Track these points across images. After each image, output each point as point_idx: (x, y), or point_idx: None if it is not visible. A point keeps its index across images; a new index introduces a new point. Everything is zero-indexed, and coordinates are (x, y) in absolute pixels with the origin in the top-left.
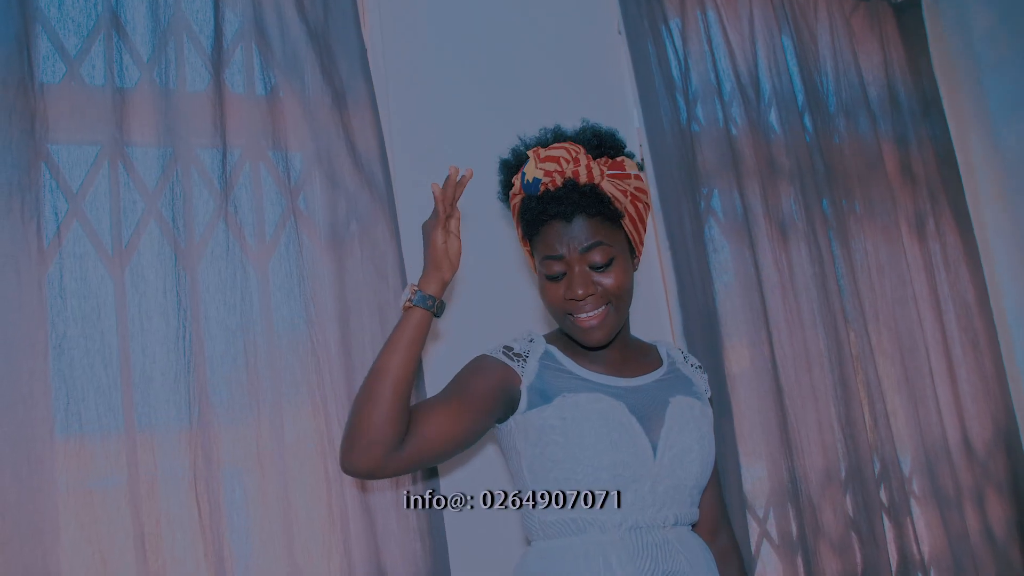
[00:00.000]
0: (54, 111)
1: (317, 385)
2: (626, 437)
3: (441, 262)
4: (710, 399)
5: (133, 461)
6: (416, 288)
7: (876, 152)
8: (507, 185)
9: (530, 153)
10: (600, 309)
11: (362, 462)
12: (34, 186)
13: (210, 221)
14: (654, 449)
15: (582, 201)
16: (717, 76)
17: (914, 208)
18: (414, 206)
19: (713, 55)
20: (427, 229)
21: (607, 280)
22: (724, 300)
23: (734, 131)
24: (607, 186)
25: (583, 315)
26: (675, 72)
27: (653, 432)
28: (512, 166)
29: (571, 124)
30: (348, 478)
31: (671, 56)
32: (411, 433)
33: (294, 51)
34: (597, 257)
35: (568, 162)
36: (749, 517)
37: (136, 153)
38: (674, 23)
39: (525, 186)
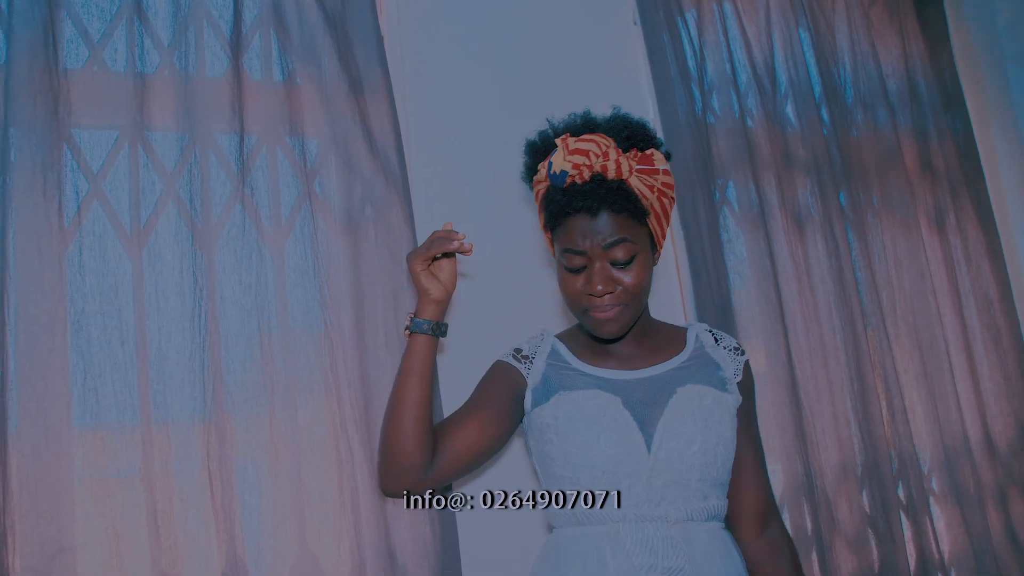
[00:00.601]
0: (77, 95)
1: (330, 367)
2: (615, 434)
3: (428, 288)
4: (741, 383)
5: (148, 438)
6: (412, 315)
7: (895, 145)
8: (532, 169)
9: (559, 142)
10: (617, 306)
11: (397, 487)
12: (56, 166)
13: (227, 203)
14: (648, 444)
15: (609, 197)
16: (733, 67)
17: (934, 202)
18: (428, 192)
19: (729, 46)
20: (408, 260)
21: (627, 277)
22: (739, 292)
23: (750, 122)
24: (635, 182)
25: (599, 310)
26: (691, 63)
27: (649, 426)
28: (539, 149)
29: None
30: (360, 460)
31: (687, 47)
32: (440, 450)
33: (311, 38)
34: (619, 254)
35: (598, 156)
36: None
37: (155, 137)
38: (690, 14)
39: (551, 176)
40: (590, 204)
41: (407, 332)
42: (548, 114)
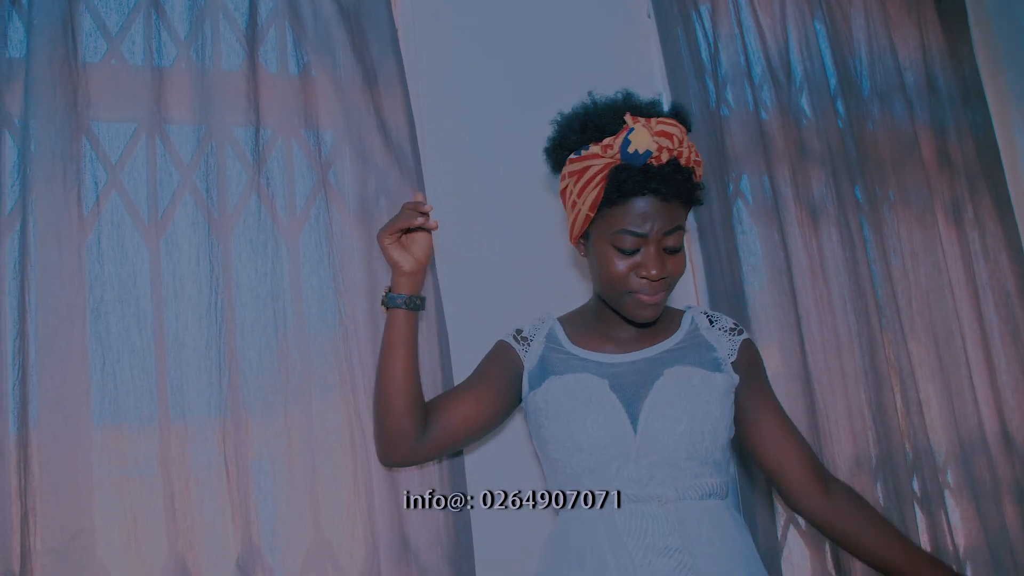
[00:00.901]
0: (95, 87)
1: (345, 356)
2: (602, 416)
3: (399, 261)
4: (737, 363)
5: (165, 425)
6: (388, 288)
7: (912, 138)
8: (574, 142)
9: (633, 120)
10: (663, 291)
11: (391, 456)
12: (75, 157)
13: (243, 193)
14: (634, 425)
15: (685, 184)
16: (747, 59)
17: (951, 195)
18: (442, 183)
19: (743, 38)
20: (377, 235)
21: (672, 265)
22: (752, 285)
23: (764, 115)
24: (695, 171)
25: (648, 294)
26: (704, 55)
27: (635, 407)
28: (589, 124)
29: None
30: (373, 448)
31: (701, 39)
32: (434, 422)
33: (326, 30)
34: (673, 241)
35: (679, 141)
36: (775, 502)
37: (172, 129)
38: (704, 7)
39: (630, 155)
40: (666, 188)
41: (384, 307)
42: (561, 106)
